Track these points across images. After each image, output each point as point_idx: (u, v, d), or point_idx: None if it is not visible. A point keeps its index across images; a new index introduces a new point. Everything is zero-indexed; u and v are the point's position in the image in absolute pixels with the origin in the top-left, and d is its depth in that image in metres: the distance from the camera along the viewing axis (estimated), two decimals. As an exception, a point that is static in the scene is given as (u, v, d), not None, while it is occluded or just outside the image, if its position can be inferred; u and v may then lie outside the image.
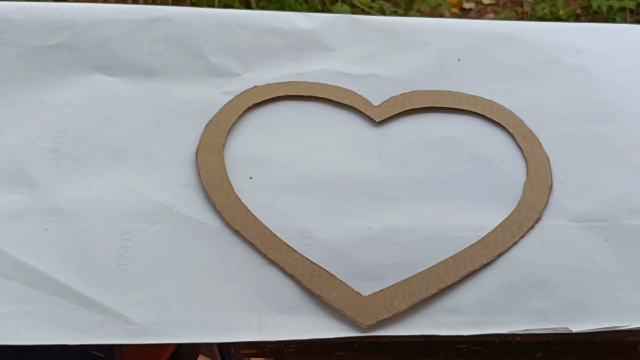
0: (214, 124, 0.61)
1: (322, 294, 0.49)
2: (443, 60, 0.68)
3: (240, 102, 0.64)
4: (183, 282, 0.50)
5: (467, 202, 0.56)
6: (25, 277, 0.50)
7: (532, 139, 0.60)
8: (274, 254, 0.52)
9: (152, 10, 0.71)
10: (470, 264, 0.51)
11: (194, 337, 0.47)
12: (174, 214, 0.54)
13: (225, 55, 0.68)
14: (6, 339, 0.47)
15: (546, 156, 0.59)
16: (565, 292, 0.50)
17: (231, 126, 0.61)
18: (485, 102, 0.64)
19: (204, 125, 0.61)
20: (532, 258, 0.52)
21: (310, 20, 0.71)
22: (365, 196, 0.56)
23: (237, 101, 0.64)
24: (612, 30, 0.74)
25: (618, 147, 0.60)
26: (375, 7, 1.85)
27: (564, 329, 0.48)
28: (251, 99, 0.64)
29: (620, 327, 0.48)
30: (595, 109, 0.64)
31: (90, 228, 0.53)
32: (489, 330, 0.48)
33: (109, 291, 0.49)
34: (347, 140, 0.61)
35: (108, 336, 0.47)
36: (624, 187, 0.57)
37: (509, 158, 0.59)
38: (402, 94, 0.65)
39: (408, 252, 0.52)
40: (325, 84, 0.65)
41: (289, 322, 0.48)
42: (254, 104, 0.63)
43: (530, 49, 0.69)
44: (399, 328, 0.48)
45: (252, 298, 0.49)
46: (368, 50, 0.69)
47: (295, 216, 0.54)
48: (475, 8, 1.91)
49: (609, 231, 0.54)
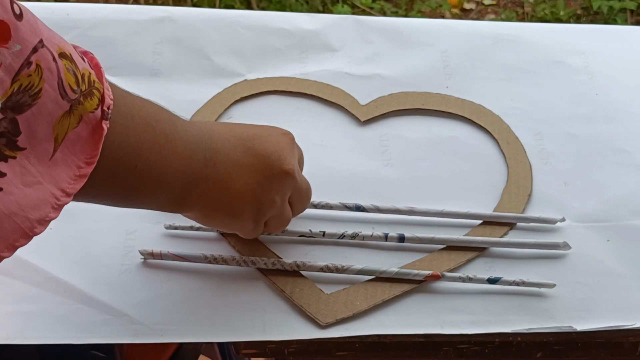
0: (200, 115, 0.61)
1: (286, 290, 0.50)
2: (446, 61, 0.68)
3: (228, 95, 0.64)
4: (187, 281, 0.50)
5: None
6: (29, 276, 0.50)
7: (516, 145, 0.60)
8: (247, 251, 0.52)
9: (156, 10, 0.71)
10: (437, 267, 0.51)
11: (198, 336, 0.48)
12: (177, 214, 0.54)
13: (229, 55, 0.68)
14: (11, 338, 0.47)
15: (529, 164, 0.59)
16: (569, 291, 0.50)
17: (217, 118, 0.62)
18: (474, 106, 0.64)
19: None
20: (536, 258, 0.52)
21: (314, 20, 0.71)
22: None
23: (225, 94, 0.64)
24: (614, 31, 0.74)
25: (621, 148, 0.61)
26: (376, 7, 1.85)
27: (569, 327, 0.48)
28: (239, 92, 0.64)
29: (624, 326, 0.48)
30: (598, 109, 0.64)
31: (95, 227, 0.53)
32: (493, 329, 0.48)
33: (113, 290, 0.49)
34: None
35: (113, 336, 0.47)
36: (626, 188, 0.57)
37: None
38: (391, 94, 0.65)
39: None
40: (314, 81, 0.65)
41: (294, 322, 0.48)
42: (242, 97, 0.64)
43: (533, 50, 0.70)
44: (402, 327, 0.48)
45: (256, 297, 0.49)
46: (371, 51, 0.69)
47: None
48: (476, 9, 1.91)
49: (612, 231, 0.54)
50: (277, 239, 0.53)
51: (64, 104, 0.33)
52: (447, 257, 0.52)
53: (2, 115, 0.30)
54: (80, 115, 0.34)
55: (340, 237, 0.53)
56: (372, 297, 0.49)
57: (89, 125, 0.35)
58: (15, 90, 0.30)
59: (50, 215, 0.34)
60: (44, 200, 0.33)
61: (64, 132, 0.34)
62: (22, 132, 0.31)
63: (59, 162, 0.34)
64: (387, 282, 0.50)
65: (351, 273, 0.51)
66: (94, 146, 0.35)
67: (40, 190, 0.33)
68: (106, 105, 0.36)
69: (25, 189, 0.32)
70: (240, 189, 0.46)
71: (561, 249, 0.52)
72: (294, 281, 0.50)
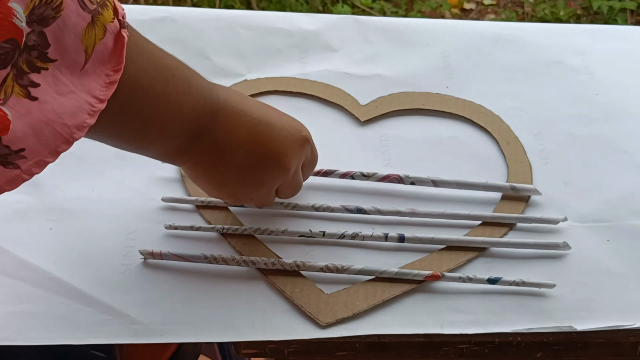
0: None
1: (285, 290, 0.50)
2: (446, 61, 0.68)
3: None
4: (187, 281, 0.50)
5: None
6: (29, 276, 0.50)
7: (516, 145, 0.60)
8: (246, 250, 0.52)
9: (156, 10, 0.71)
10: (437, 267, 0.51)
11: (198, 336, 0.48)
12: (177, 213, 0.55)
13: (229, 55, 0.68)
14: (11, 339, 0.47)
15: (529, 164, 0.59)
16: (569, 291, 0.50)
17: None
18: (474, 106, 0.64)
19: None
20: (536, 258, 0.52)
21: (314, 21, 0.72)
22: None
23: None
24: (614, 31, 0.74)
25: (621, 148, 0.60)
26: (375, 7, 1.85)
27: (569, 327, 0.48)
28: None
29: (624, 326, 0.48)
30: (598, 109, 0.64)
31: (95, 227, 0.53)
32: (493, 329, 0.48)
33: (113, 291, 0.49)
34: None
35: (113, 336, 0.47)
36: (626, 188, 0.57)
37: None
38: (391, 94, 0.65)
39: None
40: (314, 81, 0.65)
41: (293, 322, 0.48)
42: None
43: (533, 50, 0.70)
44: (402, 327, 0.48)
45: (256, 297, 0.49)
46: (371, 51, 0.69)
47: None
48: (475, 9, 1.91)
49: (612, 231, 0.54)
50: (277, 238, 0.53)
51: (85, 15, 0.35)
52: (447, 257, 0.52)
53: (30, 29, 0.32)
54: (103, 25, 0.36)
55: (340, 237, 0.53)
56: (372, 297, 0.49)
57: (112, 35, 0.37)
58: (36, 4, 0.32)
59: (88, 121, 0.36)
60: (79, 107, 0.35)
61: (92, 43, 0.36)
62: (51, 45, 0.33)
63: (89, 72, 0.36)
64: (387, 282, 0.50)
65: (351, 273, 0.51)
66: (118, 54, 0.37)
67: (75, 98, 0.35)
68: (120, 15, 0.38)
69: (60, 98, 0.34)
70: (230, 165, 0.47)
71: (561, 249, 0.52)
72: (294, 281, 0.50)
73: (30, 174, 0.34)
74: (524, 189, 0.56)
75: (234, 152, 0.47)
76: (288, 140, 0.48)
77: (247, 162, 0.48)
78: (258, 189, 0.50)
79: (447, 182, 0.56)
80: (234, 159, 0.47)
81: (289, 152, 0.48)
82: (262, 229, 0.53)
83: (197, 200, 0.55)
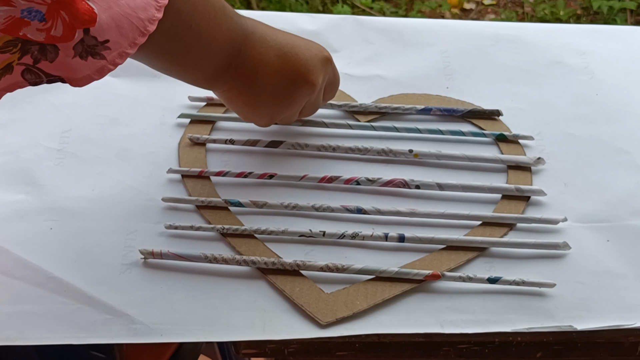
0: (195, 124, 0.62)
1: (285, 289, 0.50)
2: (446, 62, 0.68)
3: None
4: (187, 281, 0.50)
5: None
6: (29, 276, 0.50)
7: (516, 145, 0.60)
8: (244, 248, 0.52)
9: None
10: (437, 267, 0.51)
11: (198, 336, 0.47)
12: (177, 213, 0.55)
13: (229, 55, 0.68)
14: (11, 339, 0.47)
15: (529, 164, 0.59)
16: (569, 291, 0.50)
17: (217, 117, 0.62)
18: (474, 106, 0.63)
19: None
20: (536, 258, 0.52)
21: (314, 21, 0.72)
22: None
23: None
24: (614, 31, 0.74)
25: (621, 148, 0.61)
26: (375, 7, 1.86)
27: (569, 326, 0.48)
28: None
29: (624, 326, 0.48)
30: (599, 110, 0.64)
31: (95, 227, 0.53)
32: (493, 329, 0.48)
33: (113, 290, 0.49)
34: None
35: (112, 335, 0.47)
36: (627, 188, 0.57)
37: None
38: (390, 95, 0.65)
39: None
40: None
41: (293, 321, 0.48)
42: None
43: (534, 50, 0.70)
44: (402, 326, 0.48)
45: (256, 297, 0.50)
46: (372, 51, 0.69)
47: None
48: (475, 9, 1.91)
49: (612, 231, 0.54)
50: (277, 238, 0.53)
51: None
52: (447, 257, 0.52)
53: None
54: None
55: (340, 237, 0.53)
56: (372, 297, 0.49)
57: None
58: None
59: (156, 15, 0.40)
60: (148, 3, 0.40)
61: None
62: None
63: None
64: (387, 282, 0.50)
65: (351, 272, 0.51)
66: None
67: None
68: None
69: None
70: (262, 85, 0.52)
71: (561, 249, 0.52)
72: (293, 281, 0.50)
73: (115, 64, 0.39)
74: (529, 190, 0.56)
75: (267, 74, 0.51)
76: (313, 59, 0.53)
77: (278, 81, 0.52)
78: (290, 107, 0.54)
79: (453, 186, 0.56)
80: (267, 80, 0.51)
81: (315, 70, 0.53)
82: (262, 229, 0.53)
83: (197, 200, 0.55)
